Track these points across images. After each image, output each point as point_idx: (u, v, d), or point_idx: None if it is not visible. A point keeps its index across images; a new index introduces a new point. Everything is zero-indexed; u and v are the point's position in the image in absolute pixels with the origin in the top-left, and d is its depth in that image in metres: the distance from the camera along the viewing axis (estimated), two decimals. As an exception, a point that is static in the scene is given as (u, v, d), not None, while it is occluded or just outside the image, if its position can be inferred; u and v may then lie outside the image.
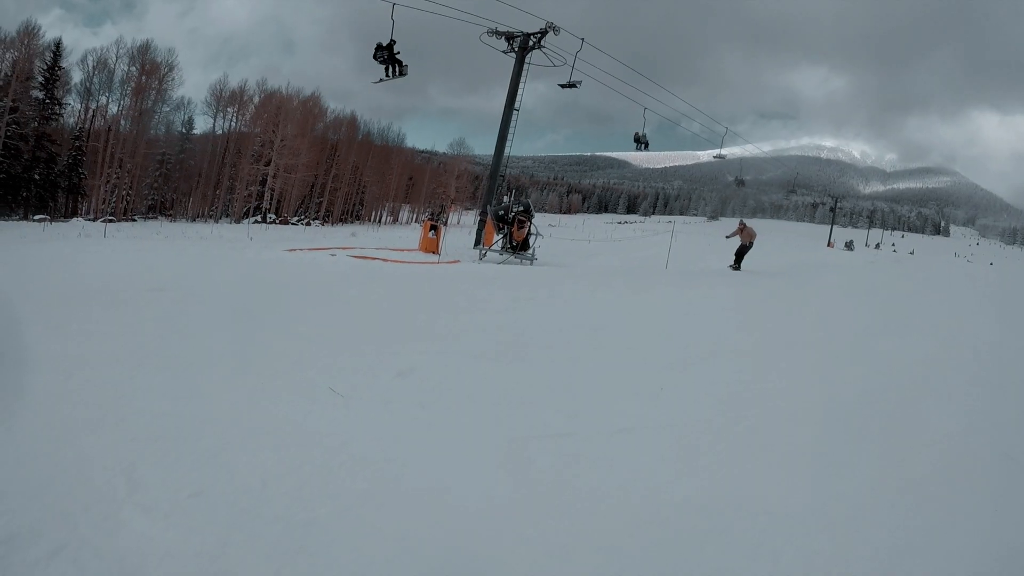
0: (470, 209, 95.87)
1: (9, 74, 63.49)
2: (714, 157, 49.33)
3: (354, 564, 3.66)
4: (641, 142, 41.26)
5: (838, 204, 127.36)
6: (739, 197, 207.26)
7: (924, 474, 5.12)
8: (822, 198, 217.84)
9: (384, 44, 29.04)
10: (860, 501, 4.61)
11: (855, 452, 5.49)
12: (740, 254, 25.83)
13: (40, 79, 66.90)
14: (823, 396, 7.21)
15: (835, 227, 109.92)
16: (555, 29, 32.29)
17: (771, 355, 9.17)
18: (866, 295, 17.55)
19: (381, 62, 29.39)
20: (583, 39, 32.32)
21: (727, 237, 27.27)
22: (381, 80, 30.13)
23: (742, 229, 26.24)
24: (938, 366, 8.77)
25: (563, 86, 33.18)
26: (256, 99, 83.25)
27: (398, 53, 28.95)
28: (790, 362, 8.76)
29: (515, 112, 32.88)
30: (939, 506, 4.58)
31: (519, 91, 32.87)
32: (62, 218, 64.31)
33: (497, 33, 32.54)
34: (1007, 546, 4.14)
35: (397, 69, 29.71)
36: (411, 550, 3.82)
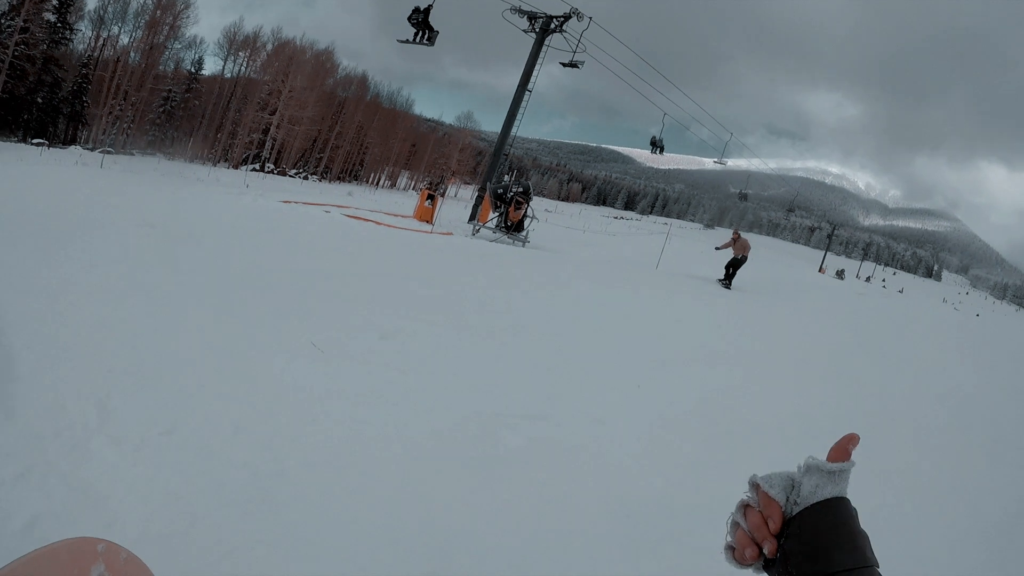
0: (469, 184, 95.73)
1: (24, -7, 62.74)
2: (715, 162, 49.17)
3: (318, 519, 3.67)
4: (657, 146, 41.69)
5: (835, 231, 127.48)
6: (738, 210, 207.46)
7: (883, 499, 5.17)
8: (820, 223, 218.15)
9: (422, 7, 29.12)
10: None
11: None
12: (731, 267, 22.46)
13: (54, 2, 66.17)
14: (795, 410, 7.27)
15: (829, 254, 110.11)
16: (579, 15, 32.12)
17: (751, 364, 9.23)
18: (850, 322, 17.68)
19: (414, 24, 29.43)
20: (591, 18, 32.15)
21: (717, 249, 23.90)
22: (407, 41, 30.09)
23: (735, 240, 22.87)
24: (917, 400, 8.87)
25: (565, 64, 33.06)
26: (269, 46, 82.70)
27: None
28: (768, 374, 8.81)
29: (527, 92, 32.77)
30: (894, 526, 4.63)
31: (534, 72, 32.74)
32: (60, 144, 63.77)
33: (521, 11, 32.36)
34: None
35: (426, 35, 29.71)
36: (375, 512, 3.83)
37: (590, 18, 32.30)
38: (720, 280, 22.43)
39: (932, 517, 5.18)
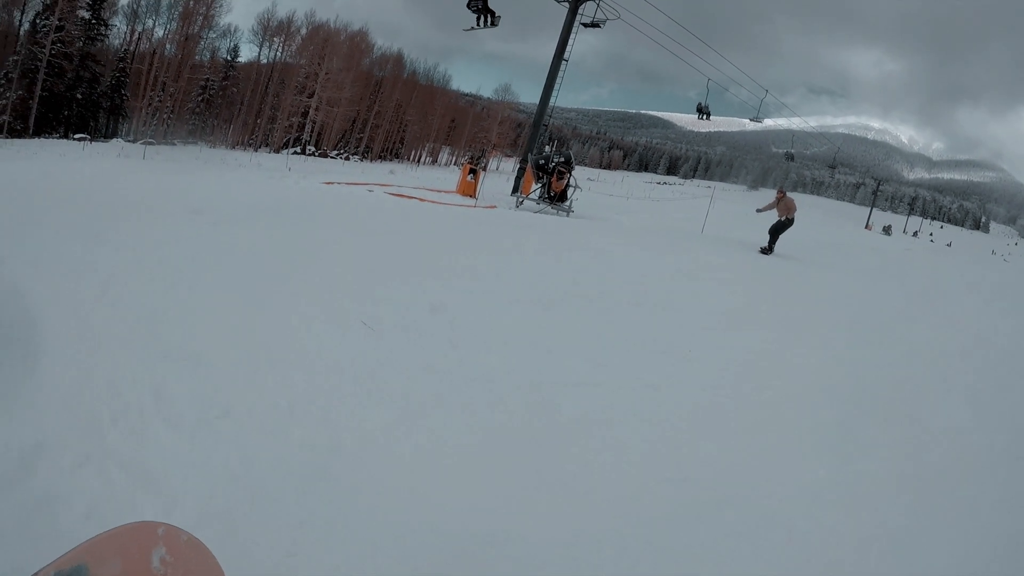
0: (510, 156, 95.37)
1: (57, -8, 63.57)
2: (751, 120, 48.46)
3: (375, 493, 3.65)
4: (703, 112, 41.87)
5: (880, 187, 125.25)
6: (782, 169, 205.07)
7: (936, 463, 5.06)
8: (864, 179, 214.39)
9: None
10: (876, 482, 4.55)
11: (874, 433, 5.43)
12: (775, 232, 19.45)
13: (87, -1, 66.90)
14: (846, 375, 7.13)
15: (875, 210, 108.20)
16: (612, -20, 31.76)
17: (799, 330, 9.06)
18: (898, 280, 17.39)
19: (475, 11, 29.72)
20: None
21: (758, 211, 20.92)
22: (472, 28, 30.57)
23: (780, 199, 19.85)
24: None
25: (586, 25, 32.67)
26: (303, 31, 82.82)
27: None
28: (817, 338, 8.66)
29: (564, 63, 32.47)
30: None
31: (569, 42, 32.41)
32: (102, 138, 64.59)
33: (550, -20, 32.04)
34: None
35: (489, 19, 29.90)
36: (432, 484, 3.80)
37: None
38: (762, 248, 19.09)
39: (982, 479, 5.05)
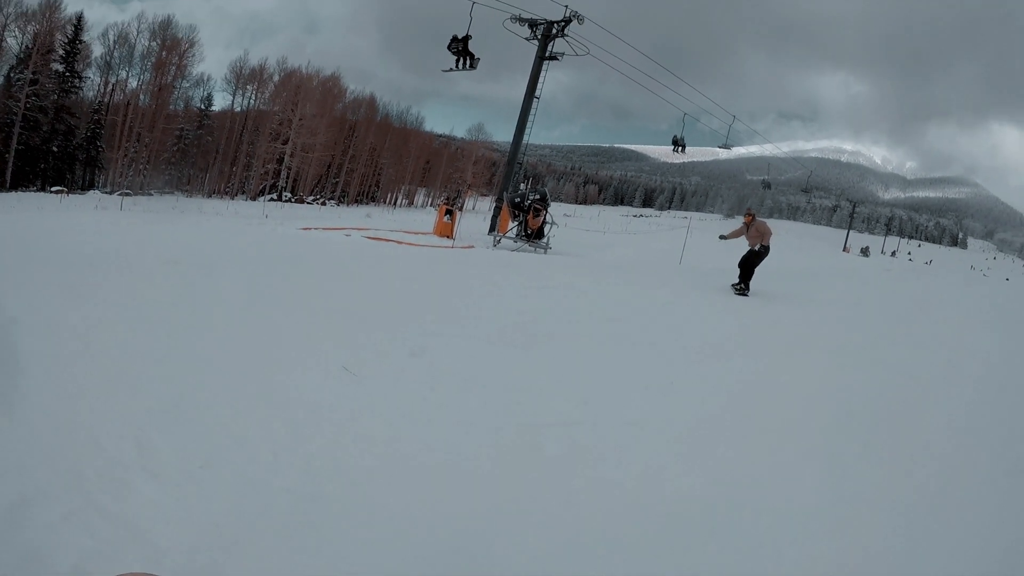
0: (486, 195, 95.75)
1: (30, 46, 63.98)
2: (720, 147, 48.82)
3: (360, 539, 3.67)
4: (679, 144, 42.66)
5: (856, 209, 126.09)
6: (757, 197, 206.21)
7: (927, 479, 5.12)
8: (840, 201, 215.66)
9: (460, 36, 29.97)
10: (865, 503, 4.61)
11: (860, 454, 5.48)
12: (748, 265, 16.33)
13: (61, 52, 67.25)
14: (830, 398, 7.19)
15: (852, 232, 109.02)
16: (579, 18, 32.21)
17: (781, 357, 9.14)
18: (879, 302, 17.54)
19: (454, 53, 30.33)
20: (576, 11, 32.27)
21: (723, 238, 17.96)
22: (451, 70, 31.03)
23: (749, 223, 16.77)
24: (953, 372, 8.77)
25: (544, 58, 33.06)
26: (276, 77, 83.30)
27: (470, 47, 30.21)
28: (800, 364, 8.73)
29: (535, 100, 32.82)
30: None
31: (540, 79, 32.79)
32: (79, 190, 64.62)
33: (521, 20, 32.44)
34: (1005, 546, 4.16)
35: (468, 62, 30.60)
36: (417, 529, 3.83)
37: (574, 11, 32.38)
38: (734, 286, 16.13)
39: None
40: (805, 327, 11.52)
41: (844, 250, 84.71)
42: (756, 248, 16.55)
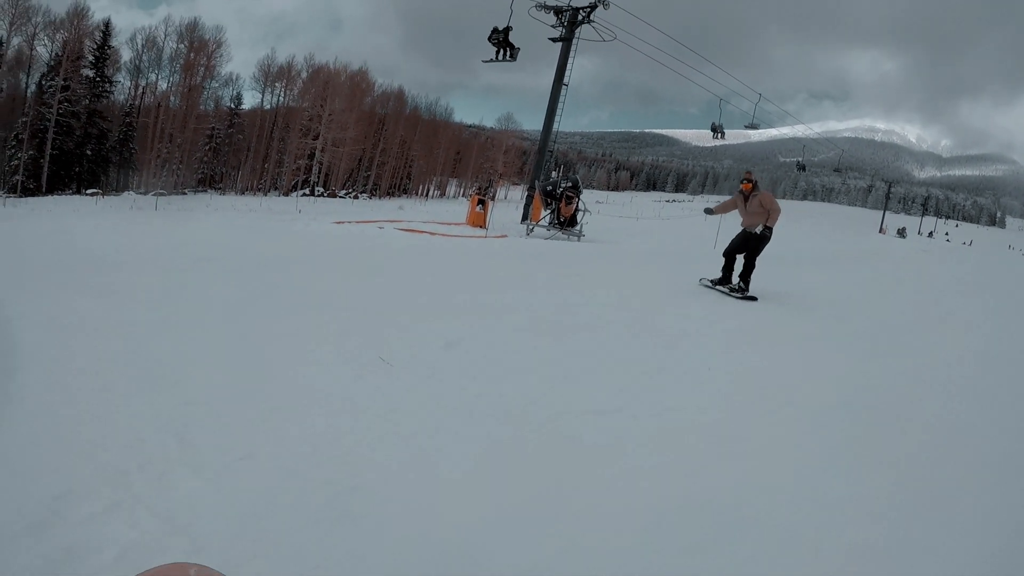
0: (517, 184, 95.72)
1: (60, 54, 65.10)
2: (745, 127, 48.16)
3: (397, 530, 3.68)
4: (718, 131, 42.54)
5: (891, 189, 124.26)
6: (791, 178, 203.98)
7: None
8: (875, 181, 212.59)
9: (501, 28, 31.07)
10: (908, 496, 4.57)
11: (889, 447, 5.43)
12: (742, 252, 12.44)
13: (90, 58, 68.37)
14: (860, 385, 7.13)
15: (888, 213, 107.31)
16: (604, 3, 32.00)
17: (821, 344, 9.05)
18: (915, 284, 17.27)
19: (495, 44, 31.48)
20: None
21: (708, 212, 14.35)
22: (491, 60, 32.09)
23: (747, 193, 12.65)
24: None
25: (554, 40, 32.96)
26: (304, 74, 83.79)
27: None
28: (841, 352, 8.64)
29: (564, 87, 32.65)
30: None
31: (568, 66, 32.63)
32: (114, 192, 65.58)
33: (546, 7, 32.30)
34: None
35: (508, 52, 31.66)
36: (454, 521, 3.83)
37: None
38: (709, 282, 12.77)
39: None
40: (846, 318, 11.38)
41: (880, 231, 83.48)
42: (757, 231, 12.24)
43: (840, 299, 12.60)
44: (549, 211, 25.96)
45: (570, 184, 25.94)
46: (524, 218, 30.62)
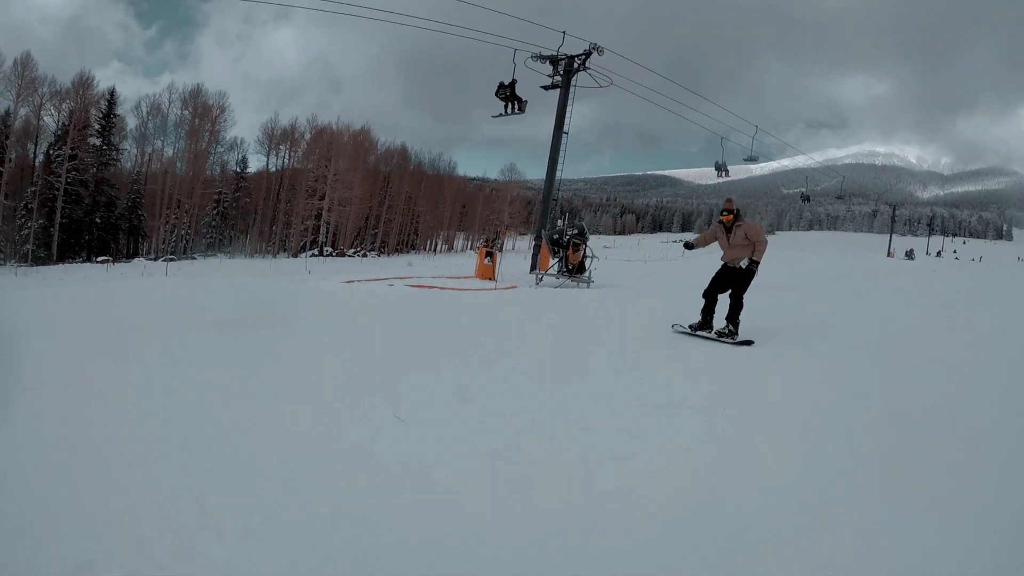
0: (524, 234, 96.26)
1: (67, 123, 66.32)
2: (744, 160, 47.99)
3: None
4: (722, 169, 43.11)
5: (896, 211, 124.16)
6: (795, 209, 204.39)
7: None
8: (879, 205, 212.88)
9: (507, 83, 31.86)
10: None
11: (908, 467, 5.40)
12: (726, 288, 11.51)
13: (96, 127, 69.82)
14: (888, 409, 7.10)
15: (894, 235, 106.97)
16: (599, 49, 32.38)
17: (844, 369, 9.02)
18: (928, 301, 17.20)
19: (502, 99, 32.23)
20: (564, 32, 32.56)
21: (688, 247, 12.42)
22: (500, 115, 32.80)
23: (729, 224, 11.60)
24: None
25: (546, 88, 33.29)
26: (307, 135, 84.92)
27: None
28: (866, 365, 8.61)
29: (564, 135, 32.95)
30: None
31: (567, 114, 32.94)
32: (124, 259, 66.43)
33: (542, 58, 32.67)
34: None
35: (516, 106, 32.40)
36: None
37: (563, 32, 32.72)
38: (687, 327, 11.56)
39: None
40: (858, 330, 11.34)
41: (888, 255, 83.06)
42: (743, 265, 11.34)
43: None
44: (557, 259, 26.03)
45: (576, 231, 26.04)
46: (532, 268, 30.71)
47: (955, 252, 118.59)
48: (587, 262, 25.81)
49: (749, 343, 10.81)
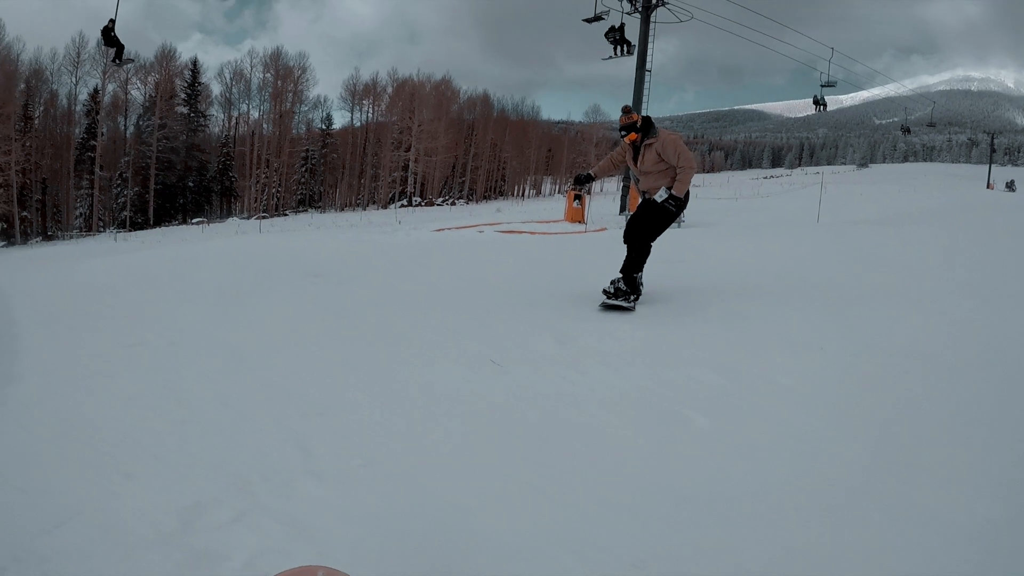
0: (612, 176, 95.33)
1: (153, 95, 68.35)
2: (821, 86, 45.96)
3: (513, 534, 3.66)
4: (820, 103, 42.63)
5: (995, 140, 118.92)
6: (889, 140, 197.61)
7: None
8: (976, 134, 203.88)
9: (616, 26, 32.36)
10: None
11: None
12: (640, 237, 8.78)
13: (183, 96, 71.64)
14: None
15: (994, 166, 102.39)
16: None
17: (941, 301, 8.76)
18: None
19: (612, 42, 32.64)
20: None
21: (580, 182, 9.90)
22: (611, 57, 33.22)
23: (637, 144, 8.52)
24: None
25: (588, 20, 32.73)
26: (389, 89, 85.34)
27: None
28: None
29: (647, 73, 32.48)
30: None
31: (648, 51, 32.41)
32: (218, 219, 68.33)
33: (619, -6, 32.13)
34: None
35: (625, 48, 32.77)
36: (580, 524, 3.79)
37: None
38: (608, 293, 8.43)
39: None
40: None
41: (988, 186, 79.74)
42: (658, 199, 8.35)
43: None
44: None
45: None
46: (622, 209, 30.51)
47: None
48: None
49: (630, 308, 8.38)
